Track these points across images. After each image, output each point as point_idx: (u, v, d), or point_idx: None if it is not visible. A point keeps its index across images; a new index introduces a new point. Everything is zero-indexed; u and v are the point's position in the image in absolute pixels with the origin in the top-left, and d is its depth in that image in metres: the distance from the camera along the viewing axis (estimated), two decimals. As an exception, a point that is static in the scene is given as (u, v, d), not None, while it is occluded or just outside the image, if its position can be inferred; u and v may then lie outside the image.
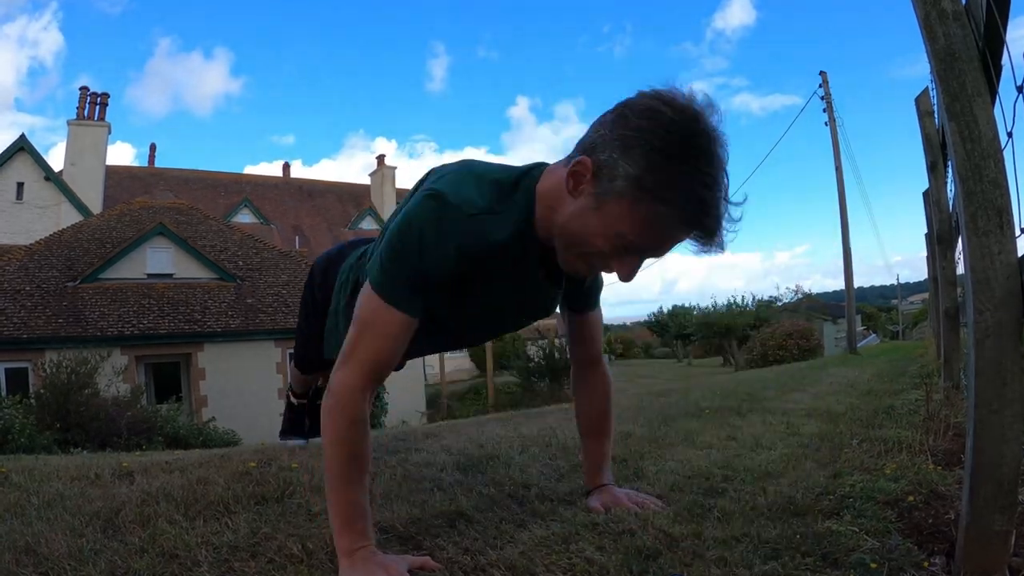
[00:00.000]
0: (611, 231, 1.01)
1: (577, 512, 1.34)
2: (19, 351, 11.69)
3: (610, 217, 1.00)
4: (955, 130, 0.95)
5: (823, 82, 14.61)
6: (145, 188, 21.03)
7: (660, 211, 0.96)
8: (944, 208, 3.24)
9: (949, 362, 3.09)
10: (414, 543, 1.21)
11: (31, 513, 1.42)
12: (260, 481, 1.64)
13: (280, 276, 15.36)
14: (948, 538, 1.12)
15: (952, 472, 1.54)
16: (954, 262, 3.33)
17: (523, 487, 1.56)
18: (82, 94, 21.25)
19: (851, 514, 1.26)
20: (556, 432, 2.39)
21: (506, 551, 1.13)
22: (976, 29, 1.02)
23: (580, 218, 1.03)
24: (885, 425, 2.30)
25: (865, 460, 1.71)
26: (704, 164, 0.94)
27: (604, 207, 1.00)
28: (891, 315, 53.45)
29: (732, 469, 1.68)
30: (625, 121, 0.97)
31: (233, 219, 23.55)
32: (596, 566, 1.05)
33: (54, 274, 13.27)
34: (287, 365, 13.62)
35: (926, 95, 3.21)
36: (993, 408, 0.91)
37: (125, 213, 15.51)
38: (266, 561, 1.11)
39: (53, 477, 1.82)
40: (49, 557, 1.12)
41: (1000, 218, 0.91)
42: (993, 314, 0.91)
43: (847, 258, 14.46)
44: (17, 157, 18.56)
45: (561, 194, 1.06)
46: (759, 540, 1.14)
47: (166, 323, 13.23)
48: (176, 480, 1.69)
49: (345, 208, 28.64)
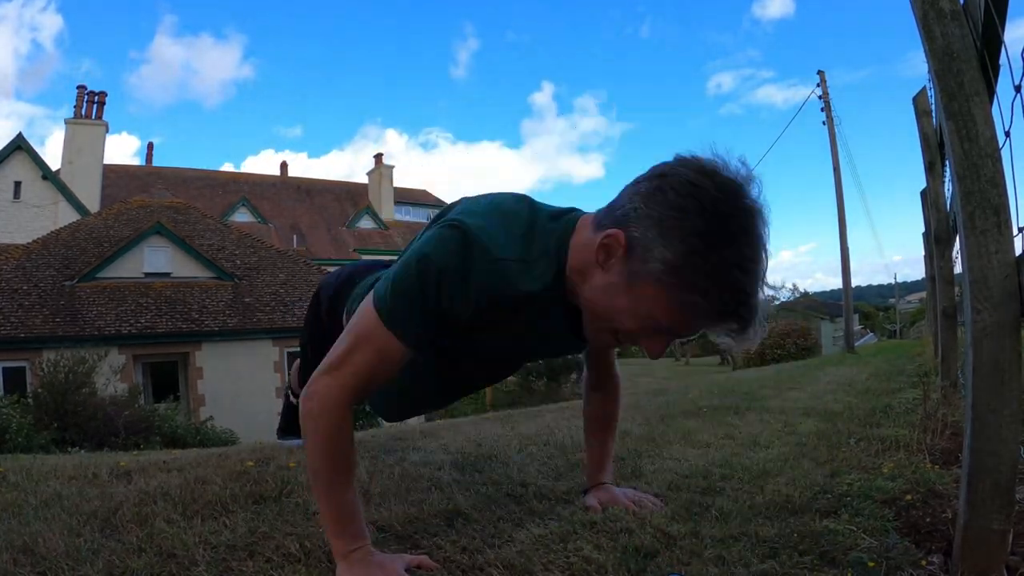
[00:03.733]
0: (641, 312, 0.95)
1: (575, 511, 1.34)
2: (16, 350, 11.66)
3: (641, 299, 0.94)
4: (953, 129, 0.95)
5: (821, 81, 14.64)
6: (143, 187, 20.95)
7: (695, 300, 0.90)
8: (942, 207, 3.24)
9: (947, 361, 3.10)
10: (412, 542, 1.21)
11: (29, 512, 1.42)
12: (258, 480, 1.64)
13: (278, 275, 15.34)
14: (946, 537, 1.12)
15: (950, 471, 1.54)
16: (952, 261, 3.33)
17: (521, 486, 1.56)
18: (80, 93, 21.23)
19: (849, 513, 1.26)
20: (554, 431, 2.39)
21: (504, 550, 1.13)
22: (974, 28, 1.02)
23: (608, 294, 0.97)
24: (883, 424, 2.30)
25: (863, 459, 1.71)
26: (744, 247, 0.88)
27: (635, 288, 0.93)
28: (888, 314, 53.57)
29: (730, 468, 1.68)
30: (664, 196, 0.90)
31: (231, 218, 23.51)
32: (594, 565, 1.05)
33: (51, 273, 13.24)
34: (285, 364, 13.62)
35: (924, 94, 3.22)
36: (991, 407, 0.91)
37: (123, 212, 15.49)
38: (264, 560, 1.11)
39: (50, 476, 1.82)
40: (47, 556, 1.12)
41: (998, 217, 0.91)
42: (991, 313, 0.91)
43: (844, 257, 14.50)
44: (14, 156, 18.52)
45: (590, 263, 0.99)
46: (757, 539, 1.14)
47: (164, 322, 13.20)
48: (174, 479, 1.69)
49: (343, 207, 28.62)
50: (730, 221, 0.88)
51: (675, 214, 0.89)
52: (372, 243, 26.56)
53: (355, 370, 1.03)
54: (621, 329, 1.00)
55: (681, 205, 0.88)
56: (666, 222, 0.89)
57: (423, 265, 0.99)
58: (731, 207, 0.88)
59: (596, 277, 0.98)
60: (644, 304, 0.94)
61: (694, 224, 0.87)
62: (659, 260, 0.90)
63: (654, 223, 0.90)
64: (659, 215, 0.90)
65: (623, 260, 0.94)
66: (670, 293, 0.91)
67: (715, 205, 0.87)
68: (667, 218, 0.89)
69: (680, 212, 0.88)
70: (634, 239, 0.92)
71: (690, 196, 0.88)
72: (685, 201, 0.88)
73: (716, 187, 0.88)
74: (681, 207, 0.88)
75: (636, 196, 0.94)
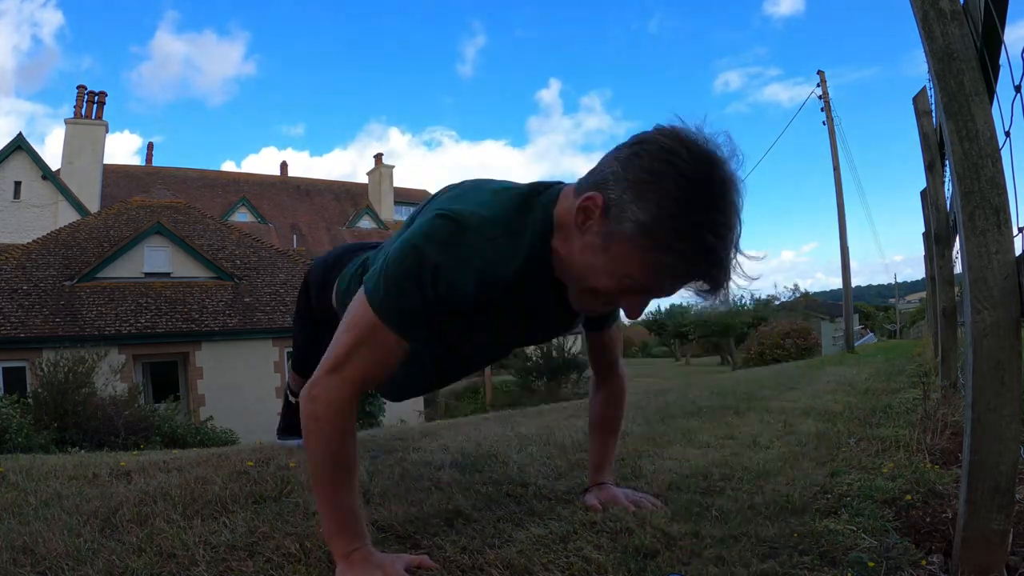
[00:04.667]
0: (617, 272, 0.98)
1: (575, 511, 1.34)
2: (16, 350, 11.66)
3: (617, 258, 0.97)
4: (953, 129, 0.95)
5: (821, 81, 14.64)
6: (143, 187, 20.96)
7: (667, 259, 0.94)
8: (942, 207, 3.24)
9: (947, 361, 3.09)
10: (412, 542, 1.21)
11: (28, 512, 1.42)
12: (258, 480, 1.64)
13: (278, 275, 15.34)
14: (946, 537, 1.12)
15: (949, 471, 1.54)
16: (952, 261, 3.33)
17: (521, 486, 1.56)
18: (80, 92, 21.22)
19: (849, 513, 1.26)
20: (554, 431, 2.39)
21: (504, 550, 1.13)
22: (974, 29, 1.02)
23: (585, 254, 1.01)
24: (883, 424, 2.31)
25: (863, 459, 1.71)
26: (717, 213, 0.92)
27: (611, 247, 0.97)
28: (888, 314, 53.58)
29: (730, 468, 1.68)
30: (640, 160, 0.94)
31: (230, 218, 23.52)
32: (594, 565, 1.05)
33: (51, 273, 13.24)
34: (285, 364, 13.61)
35: (924, 94, 3.22)
36: (991, 407, 0.91)
37: (122, 212, 15.48)
38: (264, 560, 1.11)
39: (50, 476, 1.82)
40: (47, 556, 1.12)
41: (998, 217, 0.91)
42: (991, 313, 0.91)
43: (844, 257, 14.51)
44: (15, 156, 18.50)
45: (570, 225, 1.02)
46: (757, 539, 1.14)
47: (163, 322, 13.20)
48: (174, 479, 1.69)
49: (343, 207, 28.62)
50: (703, 187, 0.91)
51: (649, 177, 0.93)
52: (372, 243, 26.52)
53: (356, 369, 1.04)
54: (599, 288, 1.02)
55: (655, 169, 0.92)
56: (641, 184, 0.93)
57: (415, 256, 1.00)
58: (704, 174, 0.91)
59: (575, 239, 1.02)
60: (619, 262, 0.97)
61: (667, 187, 0.91)
62: (632, 220, 0.93)
63: (629, 185, 0.94)
64: (635, 177, 0.94)
65: (600, 221, 0.98)
66: (643, 252, 0.95)
67: (688, 172, 0.91)
68: (642, 180, 0.93)
69: (654, 175, 0.92)
70: (610, 200, 0.96)
71: (665, 161, 0.92)
72: (660, 166, 0.92)
73: (691, 154, 0.92)
74: (654, 170, 0.92)
75: (615, 161, 0.98)
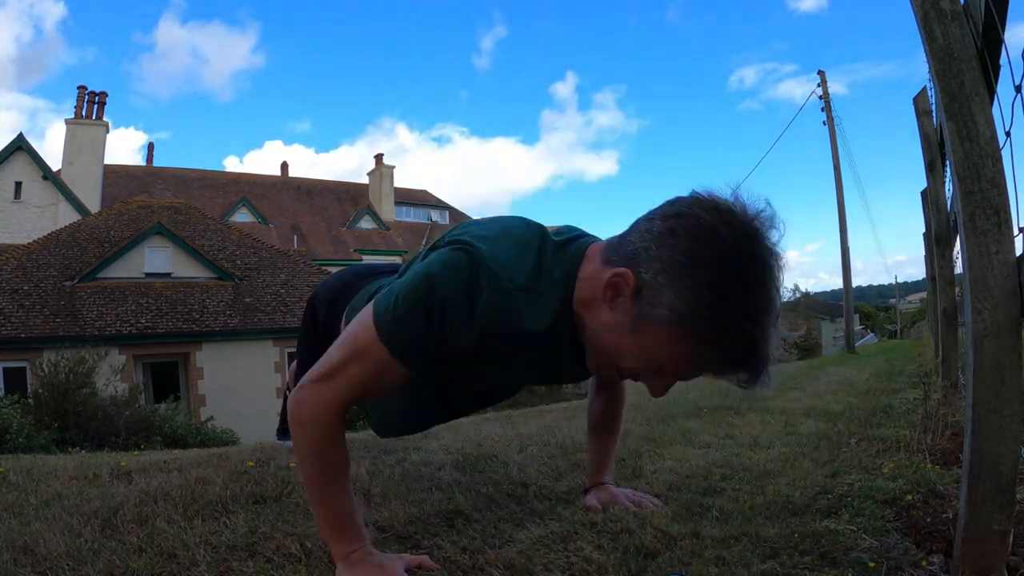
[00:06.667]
0: (645, 356, 0.93)
1: (575, 511, 1.34)
2: (17, 350, 11.67)
3: (647, 343, 0.91)
4: (953, 129, 0.95)
5: (821, 81, 14.64)
6: (143, 187, 20.96)
7: (703, 351, 0.88)
8: (942, 207, 3.24)
9: (947, 361, 3.09)
10: (412, 542, 1.21)
11: (29, 513, 1.42)
12: (258, 480, 1.64)
13: (278, 275, 15.35)
14: (946, 537, 1.12)
15: (950, 471, 1.54)
16: (952, 261, 3.33)
17: (521, 486, 1.56)
18: (80, 93, 21.23)
19: (849, 513, 1.26)
20: (554, 431, 2.39)
21: (504, 550, 1.13)
22: (975, 29, 1.02)
23: (613, 332, 0.94)
24: (883, 424, 2.31)
25: (863, 459, 1.71)
26: (757, 298, 0.85)
27: (641, 331, 0.91)
28: (888, 314, 53.56)
29: (730, 468, 1.68)
30: (676, 239, 0.86)
31: (231, 218, 23.52)
32: (594, 565, 1.05)
33: (52, 273, 13.25)
34: (285, 364, 13.62)
35: (924, 94, 3.21)
36: (991, 407, 0.91)
37: (123, 212, 15.49)
38: (264, 560, 1.11)
39: (51, 477, 1.82)
40: (47, 557, 1.12)
41: (998, 217, 0.91)
42: (991, 313, 0.91)
43: (845, 257, 14.51)
44: (15, 156, 18.51)
45: (597, 297, 0.95)
46: (757, 539, 1.14)
47: (164, 322, 13.21)
48: (174, 479, 1.69)
49: (343, 207, 28.62)
50: (743, 272, 0.85)
51: (686, 260, 0.85)
52: (372, 243, 26.57)
53: (347, 383, 1.01)
54: (623, 367, 0.97)
55: (693, 251, 0.85)
56: (677, 268, 0.86)
57: (429, 287, 0.95)
58: (746, 257, 0.85)
59: (603, 314, 0.95)
60: (649, 347, 0.91)
61: (706, 274, 0.84)
62: (667, 307, 0.87)
63: (665, 267, 0.87)
64: (670, 259, 0.87)
65: (631, 301, 0.91)
66: (677, 340, 0.88)
67: (728, 254, 0.84)
68: (678, 264, 0.86)
69: (692, 259, 0.85)
70: (643, 281, 0.89)
71: (703, 242, 0.85)
72: (698, 247, 0.85)
73: (731, 234, 0.85)
74: (693, 254, 0.85)
75: (648, 235, 0.90)
